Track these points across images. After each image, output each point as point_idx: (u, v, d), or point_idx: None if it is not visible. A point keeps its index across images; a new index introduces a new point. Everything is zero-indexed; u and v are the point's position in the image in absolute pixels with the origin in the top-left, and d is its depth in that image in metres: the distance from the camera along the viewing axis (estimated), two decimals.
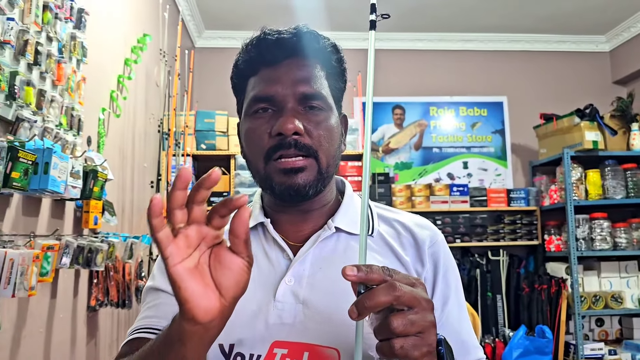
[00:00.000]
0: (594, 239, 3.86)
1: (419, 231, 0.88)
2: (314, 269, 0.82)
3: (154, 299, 0.86)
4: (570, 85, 4.54)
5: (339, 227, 0.85)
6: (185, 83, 3.32)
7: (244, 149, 0.88)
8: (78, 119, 1.89)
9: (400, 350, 0.54)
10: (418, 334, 0.55)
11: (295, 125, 0.78)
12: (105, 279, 2.08)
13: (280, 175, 0.80)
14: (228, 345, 0.78)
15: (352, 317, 0.54)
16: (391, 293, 0.55)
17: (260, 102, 0.82)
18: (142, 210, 2.81)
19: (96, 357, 2.18)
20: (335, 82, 0.88)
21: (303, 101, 0.81)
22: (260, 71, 0.84)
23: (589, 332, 4.01)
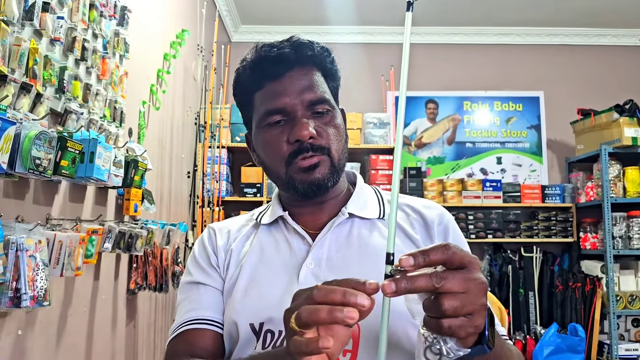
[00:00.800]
0: (631, 238, 3.79)
1: (427, 212, 0.94)
2: (331, 252, 0.90)
3: (195, 292, 0.94)
4: (609, 80, 4.44)
5: (352, 213, 0.93)
6: (222, 77, 3.42)
7: (261, 158, 0.96)
8: (120, 112, 1.99)
9: (447, 330, 0.56)
10: (467, 315, 0.57)
11: (310, 131, 0.87)
12: (144, 264, 2.19)
13: (301, 173, 0.88)
14: (258, 323, 0.86)
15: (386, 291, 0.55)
16: (444, 252, 0.57)
17: (273, 114, 0.90)
18: (179, 199, 2.92)
19: (135, 338, 2.30)
20: (332, 81, 0.96)
21: (310, 107, 0.90)
22: (266, 86, 0.91)
23: (625, 333, 3.94)
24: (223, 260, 0.96)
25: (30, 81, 1.38)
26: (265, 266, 0.92)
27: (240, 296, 0.89)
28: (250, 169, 3.68)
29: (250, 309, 0.87)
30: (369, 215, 0.94)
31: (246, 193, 3.61)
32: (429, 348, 0.59)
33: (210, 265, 0.96)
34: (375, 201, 0.97)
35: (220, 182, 3.25)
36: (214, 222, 1.07)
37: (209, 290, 0.94)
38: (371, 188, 1.02)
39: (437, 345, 0.58)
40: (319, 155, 0.88)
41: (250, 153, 1.02)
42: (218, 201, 3.16)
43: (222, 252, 0.97)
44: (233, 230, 1.01)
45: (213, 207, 3.04)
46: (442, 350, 0.58)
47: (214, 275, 0.95)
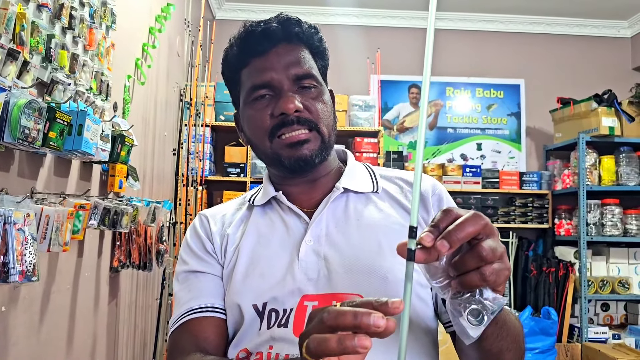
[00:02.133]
0: (604, 225, 3.89)
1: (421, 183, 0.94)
2: (330, 227, 0.90)
3: (194, 281, 0.93)
4: (589, 70, 4.51)
5: (347, 187, 0.93)
6: (207, 54, 3.35)
7: (247, 135, 0.95)
8: (107, 84, 1.93)
9: (491, 276, 0.56)
10: (499, 259, 0.57)
11: (295, 104, 0.86)
12: (128, 241, 2.15)
13: (287, 149, 0.88)
14: (261, 304, 0.86)
15: (443, 251, 0.54)
16: (479, 222, 0.56)
17: (258, 89, 0.89)
18: (162, 177, 2.87)
19: (117, 316, 2.26)
20: (320, 60, 0.96)
21: (297, 82, 0.89)
22: (252, 62, 0.91)
23: (594, 316, 4.06)
24: (219, 246, 0.95)
25: (17, 47, 1.32)
26: (264, 247, 0.91)
27: (241, 278, 0.88)
28: (234, 149, 3.64)
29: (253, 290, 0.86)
30: (363, 189, 0.94)
31: (230, 173, 3.57)
32: (468, 312, 0.58)
33: (205, 252, 0.95)
34: (367, 176, 0.98)
35: (204, 161, 3.21)
36: (204, 209, 1.06)
37: (207, 277, 0.93)
38: (361, 164, 1.02)
39: (476, 304, 0.58)
40: (307, 130, 0.88)
41: (238, 133, 1.01)
42: (201, 180, 3.12)
43: (218, 237, 0.96)
44: (228, 215, 0.99)
45: (197, 186, 2.99)
46: (485, 305, 0.57)
47: (211, 262, 0.94)
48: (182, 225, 2.83)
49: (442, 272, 0.60)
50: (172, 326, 0.91)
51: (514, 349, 0.73)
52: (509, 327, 0.72)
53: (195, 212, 2.96)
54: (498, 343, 0.70)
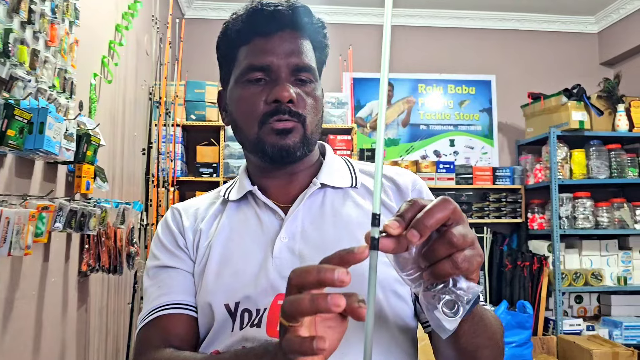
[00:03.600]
0: (576, 218, 3.94)
1: (400, 178, 0.92)
2: (305, 224, 0.87)
3: (165, 277, 0.89)
4: (558, 65, 4.58)
5: (324, 183, 0.90)
6: (176, 52, 3.28)
7: (233, 115, 0.91)
8: (71, 82, 1.86)
9: (463, 263, 0.53)
10: (471, 245, 0.54)
11: (291, 94, 0.83)
12: (97, 244, 2.08)
13: (273, 136, 0.84)
14: (234, 304, 0.82)
15: (414, 240, 0.51)
16: (447, 207, 0.53)
17: (255, 70, 0.86)
18: (131, 178, 2.80)
19: (87, 322, 2.19)
20: (320, 55, 0.93)
21: (295, 72, 0.86)
22: (253, 41, 0.87)
23: (568, 309, 4.12)
24: (191, 241, 0.91)
25: None
26: (236, 244, 0.87)
27: (212, 277, 0.85)
28: (206, 149, 3.57)
29: (225, 289, 0.83)
30: (341, 184, 0.91)
31: (202, 173, 3.50)
32: (443, 303, 0.55)
33: (177, 247, 0.91)
34: (346, 170, 0.95)
35: (175, 161, 3.14)
36: (177, 203, 1.01)
37: (178, 273, 0.89)
38: (341, 158, 0.99)
39: (450, 294, 0.55)
40: (294, 121, 0.85)
41: (219, 112, 0.97)
42: (173, 181, 3.05)
43: (190, 232, 0.91)
44: (201, 209, 0.95)
45: (168, 187, 2.93)
46: (459, 295, 0.55)
47: (183, 257, 0.90)
48: (154, 227, 2.76)
49: (412, 263, 0.58)
50: (141, 322, 0.87)
51: (490, 347, 0.71)
52: (485, 323, 0.69)
53: None
54: (474, 340, 0.68)
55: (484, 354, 0.71)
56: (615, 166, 3.95)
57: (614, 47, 4.46)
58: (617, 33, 4.43)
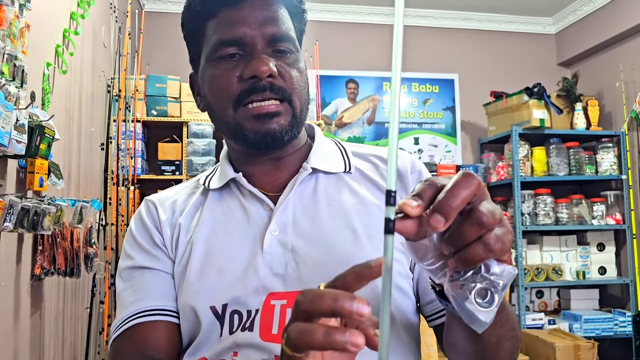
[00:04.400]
0: (537, 214, 4.02)
1: (398, 160, 0.85)
2: (297, 214, 0.79)
3: (140, 279, 0.80)
4: (519, 64, 4.66)
5: (315, 167, 0.81)
6: (136, 44, 3.14)
7: (207, 98, 0.82)
8: (22, 70, 1.72)
9: (497, 245, 0.45)
10: (500, 223, 0.47)
11: (270, 67, 0.74)
12: (52, 245, 1.94)
13: (253, 121, 0.76)
14: (221, 306, 0.74)
15: (439, 227, 0.44)
16: (472, 182, 0.46)
17: (227, 45, 0.77)
18: (89, 176, 2.65)
19: (41, 329, 2.04)
20: (298, 23, 0.84)
21: (272, 43, 0.77)
22: (221, 12, 0.78)
23: (530, 304, 4.19)
24: (170, 238, 0.81)
25: None
26: (221, 238, 0.78)
27: (195, 276, 0.75)
28: (168, 145, 3.44)
29: (210, 290, 0.74)
30: (334, 169, 0.82)
31: (164, 171, 3.36)
32: (475, 292, 0.48)
33: (153, 245, 0.81)
34: (338, 153, 0.86)
35: (135, 158, 3.00)
36: (151, 195, 0.91)
37: (155, 274, 0.79)
38: (331, 140, 0.90)
39: (482, 281, 0.48)
40: (278, 102, 0.75)
41: (193, 97, 0.87)
42: (133, 179, 2.91)
43: (168, 227, 0.81)
44: (179, 200, 0.85)
45: (128, 186, 2.79)
46: (492, 282, 0.48)
47: (161, 256, 0.80)
48: (114, 227, 2.62)
49: (433, 251, 0.50)
50: (114, 332, 0.77)
51: (511, 338, 0.65)
52: (508, 312, 0.63)
53: (127, 212, 2.75)
54: (497, 331, 0.62)
55: (505, 346, 0.65)
56: (574, 163, 4.04)
57: (571, 47, 4.58)
58: (574, 34, 4.55)
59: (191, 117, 3.43)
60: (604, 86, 4.28)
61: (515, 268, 0.49)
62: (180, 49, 0.85)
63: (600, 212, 4.03)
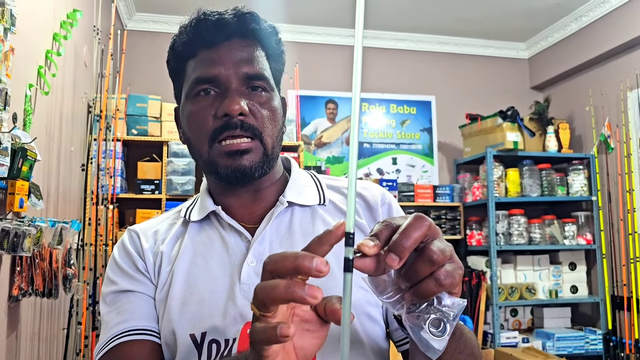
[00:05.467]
0: (511, 234, 4.11)
1: (368, 193, 0.89)
2: (273, 245, 0.82)
3: (124, 302, 0.82)
4: (493, 88, 4.80)
5: (291, 201, 0.86)
6: (117, 65, 3.17)
7: (186, 133, 0.87)
8: (5, 93, 1.74)
9: (447, 280, 0.51)
10: (450, 259, 0.52)
11: (241, 106, 0.79)
12: (30, 266, 1.94)
13: (225, 158, 0.80)
14: (200, 334, 0.77)
15: (394, 265, 0.49)
16: (423, 224, 0.50)
17: (203, 83, 0.82)
18: (67, 196, 2.65)
19: (17, 350, 2.03)
20: (275, 63, 0.88)
21: (246, 82, 0.82)
22: (200, 53, 0.83)
23: (504, 322, 4.26)
24: (152, 264, 0.84)
25: None
26: (201, 268, 0.81)
27: (177, 305, 0.79)
28: (147, 164, 3.45)
29: (190, 318, 0.77)
30: (309, 202, 0.87)
31: (143, 190, 3.37)
32: (429, 322, 0.53)
33: (137, 270, 0.84)
34: (313, 186, 0.90)
35: (115, 177, 3.00)
36: (133, 225, 0.95)
37: (139, 297, 0.82)
38: (306, 173, 0.95)
39: (435, 312, 0.53)
40: (249, 140, 0.80)
41: (177, 130, 0.92)
42: (112, 198, 2.91)
43: (150, 255, 0.85)
44: (161, 230, 0.89)
45: (107, 205, 2.79)
46: (445, 313, 0.53)
47: (144, 280, 0.83)
48: (92, 247, 2.61)
49: (392, 285, 0.55)
50: (99, 352, 0.79)
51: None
52: (466, 339, 0.68)
53: (106, 232, 2.75)
54: (456, 357, 0.67)
55: None
56: (546, 185, 4.16)
57: (543, 72, 4.73)
58: (546, 59, 4.71)
59: (171, 136, 3.45)
60: (575, 110, 4.44)
61: (465, 300, 0.54)
62: (161, 69, 0.90)
63: (571, 232, 4.15)
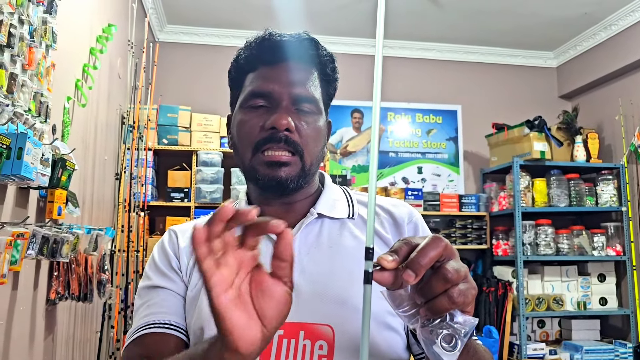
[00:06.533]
0: (538, 244, 4.07)
1: (396, 210, 0.94)
2: (301, 254, 0.87)
3: (154, 296, 0.88)
4: (521, 97, 4.77)
5: (321, 213, 0.90)
6: (150, 76, 3.27)
7: (234, 140, 0.92)
8: (46, 106, 1.83)
9: (459, 298, 0.54)
10: (464, 279, 0.56)
11: (288, 122, 0.84)
12: (67, 271, 2.02)
13: (264, 167, 0.85)
14: None
15: (410, 281, 0.53)
16: (440, 244, 0.55)
17: (257, 97, 0.87)
18: (101, 203, 2.74)
19: (53, 352, 2.11)
20: (327, 88, 0.94)
21: (296, 102, 0.87)
22: (260, 69, 0.89)
23: (531, 333, 4.21)
24: (186, 264, 0.90)
25: None
26: None
27: (207, 303, 0.84)
28: (177, 173, 3.54)
29: None
30: (338, 215, 0.91)
31: (173, 198, 3.46)
32: (441, 337, 0.57)
33: (171, 269, 0.90)
34: (344, 200, 0.95)
35: (146, 185, 3.10)
36: (174, 225, 1.01)
37: (168, 294, 0.88)
38: (339, 187, 1.00)
39: (447, 328, 0.56)
40: (289, 154, 0.85)
41: (227, 135, 0.99)
42: (143, 206, 3.00)
43: (185, 255, 0.91)
44: None
45: (138, 212, 2.88)
46: (456, 329, 0.56)
47: (175, 279, 0.89)
48: (124, 254, 2.70)
49: (408, 300, 0.59)
50: (128, 340, 0.85)
51: None
52: (479, 357, 0.71)
53: (137, 238, 2.84)
54: None
55: None
56: (574, 195, 4.11)
57: (572, 81, 4.69)
58: (574, 68, 4.67)
59: (201, 146, 3.54)
60: (604, 119, 4.38)
61: (477, 319, 0.58)
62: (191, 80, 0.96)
63: (600, 243, 4.08)
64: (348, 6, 3.99)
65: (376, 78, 0.56)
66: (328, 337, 0.79)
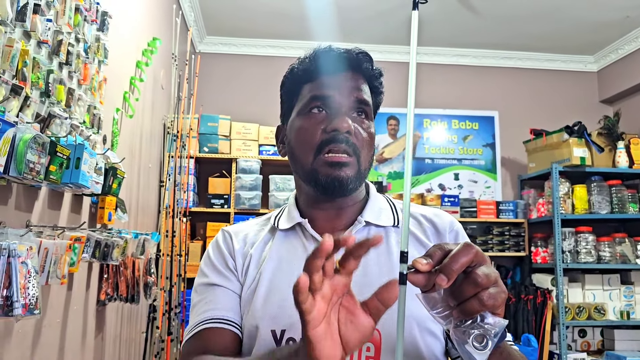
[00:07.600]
0: (579, 252, 4.00)
1: (438, 220, 0.98)
2: None
3: (212, 293, 0.94)
4: (559, 102, 4.70)
5: (368, 221, 0.96)
6: (192, 87, 3.39)
7: (291, 145, 0.97)
8: (98, 118, 1.95)
9: (489, 301, 0.59)
10: (494, 283, 0.60)
11: (350, 125, 0.90)
12: (115, 274, 2.13)
13: (327, 167, 0.90)
14: (280, 330, 0.87)
15: (442, 284, 0.58)
16: (471, 251, 0.60)
17: (318, 100, 0.93)
18: (146, 209, 2.87)
19: (102, 351, 2.23)
20: (375, 99, 1.00)
21: (355, 106, 0.93)
22: (319, 78, 0.95)
23: (572, 343, 4.13)
24: (241, 265, 0.96)
25: (19, 83, 1.34)
26: (285, 273, 0.92)
27: (261, 303, 0.90)
28: (217, 180, 3.65)
29: (272, 316, 0.88)
30: (384, 223, 0.96)
31: (213, 204, 3.57)
32: (473, 337, 0.61)
33: (226, 268, 0.96)
34: (389, 209, 1.00)
35: (188, 192, 3.22)
36: (227, 226, 1.08)
37: (225, 291, 0.94)
38: (383, 197, 1.05)
39: (478, 329, 0.61)
40: (349, 156, 0.90)
41: (276, 145, 1.05)
42: (186, 212, 3.12)
43: (240, 256, 0.97)
44: (250, 234, 1.01)
45: (181, 218, 2.99)
46: (487, 329, 0.61)
47: (231, 278, 0.95)
48: (168, 258, 2.81)
49: (442, 302, 0.64)
50: (187, 335, 0.92)
51: None
52: (512, 358, 0.74)
53: (180, 243, 2.95)
54: None
55: None
56: (617, 202, 4.02)
57: (613, 85, 4.60)
58: (616, 72, 4.57)
59: (240, 154, 3.64)
60: None
61: (507, 320, 0.62)
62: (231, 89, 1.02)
63: None
64: (382, 15, 4.04)
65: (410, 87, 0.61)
66: (375, 340, 0.84)
